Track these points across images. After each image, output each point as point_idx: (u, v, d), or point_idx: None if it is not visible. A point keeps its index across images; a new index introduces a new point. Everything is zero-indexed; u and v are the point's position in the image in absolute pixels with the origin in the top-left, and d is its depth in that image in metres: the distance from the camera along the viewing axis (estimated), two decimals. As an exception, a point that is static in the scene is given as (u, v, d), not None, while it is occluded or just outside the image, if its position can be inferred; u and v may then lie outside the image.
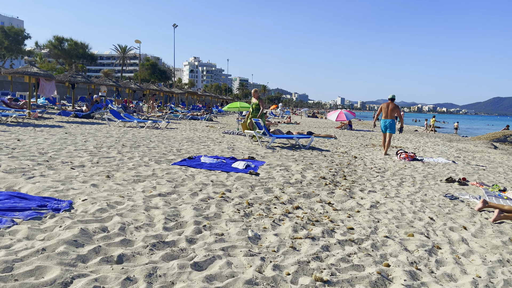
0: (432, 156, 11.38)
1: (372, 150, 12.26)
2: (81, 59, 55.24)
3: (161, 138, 11.41)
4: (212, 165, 7.22)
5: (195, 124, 21.02)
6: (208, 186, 5.47)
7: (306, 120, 38.37)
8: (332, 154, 10.48)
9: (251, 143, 11.63)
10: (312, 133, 16.11)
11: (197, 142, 11.10)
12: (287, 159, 8.91)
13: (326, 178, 6.90)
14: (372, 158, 10.35)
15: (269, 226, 3.95)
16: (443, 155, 12.21)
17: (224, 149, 9.79)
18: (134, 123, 15.74)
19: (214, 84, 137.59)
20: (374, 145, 14.00)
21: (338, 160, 9.43)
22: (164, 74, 71.85)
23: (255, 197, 5.05)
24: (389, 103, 11.17)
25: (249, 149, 10.18)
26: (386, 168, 8.76)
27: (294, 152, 10.22)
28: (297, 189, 5.83)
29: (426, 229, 4.42)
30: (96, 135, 11.04)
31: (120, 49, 66.93)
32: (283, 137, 11.32)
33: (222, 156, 8.34)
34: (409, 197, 5.99)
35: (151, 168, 6.37)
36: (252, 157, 8.44)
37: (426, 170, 8.73)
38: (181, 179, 5.72)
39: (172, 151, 8.64)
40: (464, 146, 17.67)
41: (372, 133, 21.26)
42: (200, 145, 10.27)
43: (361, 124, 35.89)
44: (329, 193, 5.74)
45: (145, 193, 4.73)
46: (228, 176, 6.35)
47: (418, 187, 6.79)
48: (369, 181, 7.04)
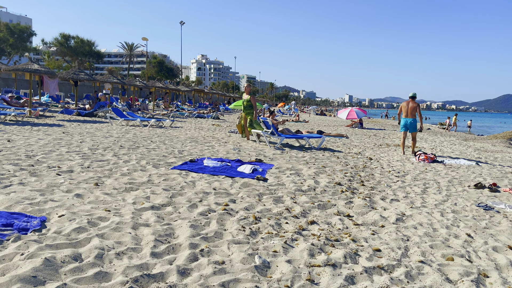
0: (452, 157, 10.62)
1: (387, 151, 11.53)
2: (87, 57, 54.86)
3: (163, 138, 10.79)
4: (216, 169, 6.56)
5: (201, 122, 20.40)
6: (210, 195, 4.81)
7: (314, 118, 37.60)
8: (346, 156, 9.78)
9: (258, 143, 10.97)
10: (323, 132, 15.40)
11: (201, 142, 10.46)
12: (298, 161, 8.24)
13: (342, 184, 6.21)
14: (389, 159, 9.63)
15: (280, 249, 3.29)
16: (462, 156, 11.44)
17: (230, 150, 9.14)
18: (137, 122, 15.16)
19: (222, 81, 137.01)
20: (388, 145, 13.26)
21: (352, 162, 8.73)
22: (171, 71, 71.28)
23: (263, 209, 4.39)
24: (410, 102, 10.73)
25: (256, 150, 9.51)
26: (406, 171, 8.05)
27: (304, 153, 9.54)
28: (311, 198, 5.16)
29: (466, 250, 3.73)
30: (95, 135, 10.45)
31: (127, 46, 66.50)
32: (293, 137, 10.64)
33: (227, 159, 7.68)
34: (438, 207, 5.29)
35: (147, 174, 5.73)
36: (259, 159, 7.77)
37: (450, 173, 7.99)
38: (180, 187, 5.07)
39: (174, 153, 8.00)
40: (482, 146, 16.83)
41: (384, 132, 20.49)
42: (204, 146, 9.62)
43: (372, 122, 35.01)
44: (347, 203, 5.06)
45: (136, 206, 4.09)
46: (233, 182, 5.70)
47: (445, 194, 6.07)
48: (389, 187, 6.34)
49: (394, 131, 21.85)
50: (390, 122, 38.79)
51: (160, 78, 66.25)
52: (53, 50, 60.73)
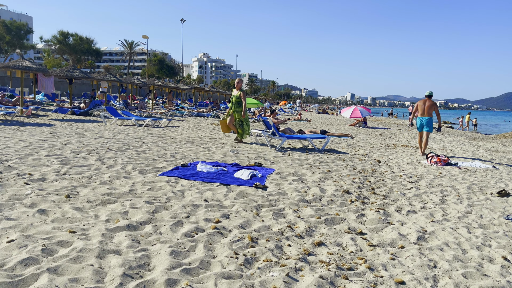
0: (465, 158, 9.93)
1: (396, 152, 10.85)
2: (86, 55, 54.15)
3: (157, 139, 10.13)
4: (210, 175, 5.90)
5: (200, 121, 19.75)
6: (200, 208, 4.15)
7: (317, 117, 36.89)
8: (352, 158, 9.10)
9: (259, 144, 10.29)
10: (326, 132, 14.72)
11: (197, 143, 9.79)
12: (300, 164, 7.57)
13: (351, 192, 5.54)
14: (398, 162, 8.95)
15: (281, 284, 2.62)
16: (474, 157, 10.75)
17: (227, 152, 8.47)
18: (132, 121, 14.50)
19: (223, 80, 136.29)
20: (396, 146, 12.58)
21: (360, 165, 8.06)
22: (172, 70, 70.51)
23: (261, 227, 3.72)
24: (426, 100, 10.51)
25: (255, 152, 8.84)
26: (419, 175, 7.37)
27: (308, 156, 8.87)
28: (317, 210, 4.50)
29: (507, 280, 3.06)
30: (84, 136, 9.79)
31: (127, 44, 65.70)
32: (296, 138, 9.97)
33: (224, 163, 7.02)
34: (462, 220, 4.62)
35: (130, 182, 5.07)
36: (259, 163, 7.10)
37: (467, 178, 7.31)
38: (166, 198, 4.41)
39: (165, 156, 7.34)
40: (492, 146, 16.12)
41: (390, 131, 19.79)
42: (200, 148, 8.96)
43: (376, 121, 34.28)
44: (358, 216, 4.40)
45: (109, 224, 3.43)
46: (228, 191, 5.03)
47: (467, 204, 5.40)
48: (403, 195, 5.67)
49: (400, 130, 21.15)
50: (395, 121, 38.07)
51: (160, 76, 65.59)
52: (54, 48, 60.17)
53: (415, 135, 17.95)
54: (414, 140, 15.31)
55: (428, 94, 10.57)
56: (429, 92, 10.60)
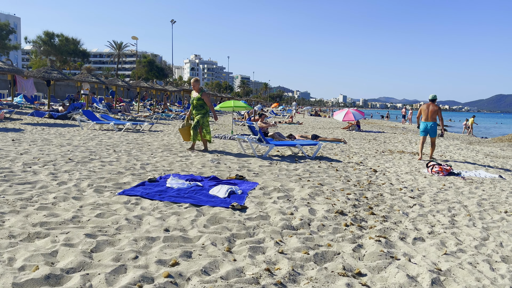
0: (469, 168, 9.17)
1: (392, 159, 10.06)
2: (72, 56, 52.69)
3: (132, 146, 9.23)
4: (181, 192, 5.03)
5: (186, 125, 18.84)
6: (156, 243, 3.28)
7: (309, 120, 36.13)
8: (345, 167, 8.29)
9: (244, 152, 9.43)
10: (318, 137, 13.91)
11: (175, 151, 8.90)
12: (288, 176, 6.73)
13: (345, 212, 4.71)
14: (396, 171, 8.15)
15: None
16: (474, 162, 9.99)
17: (207, 162, 7.59)
18: (111, 125, 13.56)
19: (215, 81, 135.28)
20: (391, 152, 11.80)
21: (354, 176, 7.24)
22: (162, 71, 69.17)
23: (231, 272, 2.86)
24: (430, 104, 10.17)
25: (239, 161, 7.99)
26: (420, 188, 6.57)
27: (297, 165, 8.03)
28: (304, 240, 3.66)
29: None
30: (50, 143, 8.86)
31: (115, 45, 64.32)
32: (284, 145, 9.13)
33: (200, 176, 6.15)
34: (480, 250, 3.81)
35: (79, 204, 4.17)
36: (240, 176, 6.24)
37: (474, 191, 6.52)
38: (115, 228, 3.53)
39: (134, 168, 6.44)
40: (491, 151, 15.45)
41: (384, 135, 19.04)
42: (177, 156, 8.07)
43: (369, 124, 33.59)
44: (355, 248, 3.56)
45: (20, 275, 2.54)
46: (198, 214, 4.17)
47: (482, 227, 4.59)
48: (406, 215, 4.85)
49: (394, 134, 20.42)
50: (388, 124, 37.45)
51: (150, 78, 64.42)
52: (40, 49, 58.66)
53: (411, 139, 17.24)
54: (410, 145, 14.57)
55: (432, 98, 10.17)
56: (432, 95, 10.20)
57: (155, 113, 19.32)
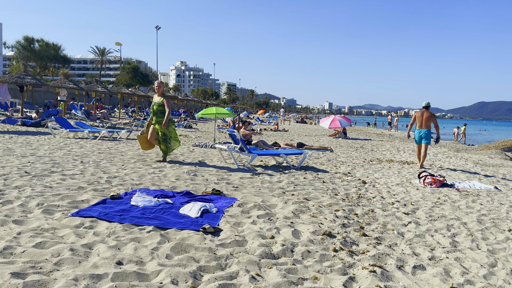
0: (462, 179, 8.71)
1: (381, 169, 9.56)
2: (53, 61, 51.25)
3: (103, 156, 8.54)
4: (146, 211, 4.39)
5: (168, 132, 18.15)
6: (101, 284, 2.65)
7: (295, 127, 35.68)
8: (333, 178, 7.75)
9: (225, 162, 8.82)
10: (304, 145, 13.38)
11: (149, 161, 8.24)
12: (271, 189, 6.15)
13: (334, 234, 4.14)
14: (387, 183, 7.64)
15: None
16: (469, 173, 9.56)
17: (182, 174, 6.95)
18: (85, 133, 12.81)
19: (201, 88, 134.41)
20: (380, 160, 11.32)
21: (342, 189, 6.70)
22: (146, 77, 67.97)
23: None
24: (424, 111, 9.99)
25: (218, 173, 7.37)
26: (414, 202, 6.05)
27: (281, 176, 7.46)
28: (286, 272, 3.07)
29: None
30: (12, 153, 8.11)
31: (98, 51, 62.97)
32: (267, 154, 8.55)
33: (172, 191, 5.51)
34: (490, 281, 3.27)
35: (18, 230, 3.50)
36: (218, 190, 5.62)
37: (471, 206, 6.03)
38: (53, 263, 2.88)
39: (98, 182, 5.77)
40: (480, 159, 15.14)
41: (371, 143, 18.64)
42: (150, 168, 7.41)
43: (355, 131, 33.31)
44: (346, 283, 2.99)
45: None
46: (162, 240, 3.55)
47: (487, 249, 4.07)
48: (401, 236, 4.31)
49: (381, 142, 20.05)
50: (374, 131, 37.27)
51: (134, 84, 63.33)
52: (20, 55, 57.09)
53: (399, 147, 16.85)
54: (398, 153, 14.15)
55: (426, 105, 10.03)
56: (426, 102, 10.07)
57: (135, 120, 18.57)
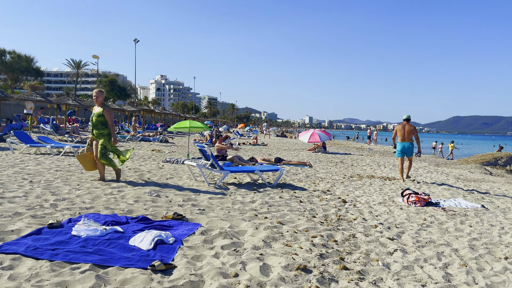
0: (446, 196, 8.26)
1: (362, 186, 9.05)
2: (25, 74, 49.43)
3: (59, 175, 7.74)
4: (89, 243, 3.68)
5: (142, 147, 17.34)
6: None
7: (274, 141, 35.20)
8: (311, 196, 7.16)
9: (195, 180, 8.14)
10: (282, 160, 12.82)
11: (111, 179, 7.49)
12: (242, 211, 5.52)
13: (310, 268, 3.53)
14: (368, 201, 7.10)
15: None
16: (452, 191, 9.14)
17: (143, 195, 6.24)
18: (47, 149, 11.92)
19: (180, 102, 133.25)
20: (360, 176, 10.83)
21: (321, 209, 6.12)
22: (124, 91, 66.57)
23: None
24: (405, 125, 9.95)
25: (185, 193, 6.68)
26: (398, 224, 5.51)
27: (255, 195, 6.84)
28: (247, 328, 2.42)
29: None
30: (-46, 172, 7.24)
31: (74, 64, 61.20)
32: (241, 171, 7.92)
33: (126, 215, 4.81)
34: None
35: None
36: (179, 215, 4.95)
37: (460, 228, 5.52)
38: None
39: (42, 206, 5.02)
40: (460, 173, 14.87)
41: (351, 158, 18.24)
42: (108, 188, 6.66)
43: (335, 145, 33.03)
44: None
45: None
46: (97, 284, 2.86)
47: (485, 284, 3.52)
48: (387, 268, 3.73)
49: (361, 156, 19.69)
50: (354, 145, 37.13)
51: (111, 97, 61.95)
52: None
53: (379, 161, 16.47)
54: (379, 168, 13.74)
55: (406, 118, 10.00)
56: (407, 116, 10.02)
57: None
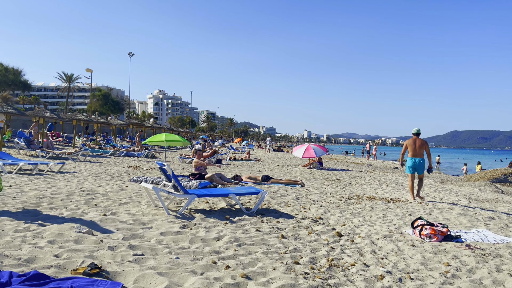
0: (467, 226, 6.72)
1: (362, 211, 7.52)
2: (11, 87, 48.01)
3: (-15, 200, 6.21)
4: None
5: (121, 163, 15.83)
6: None
7: (270, 155, 33.69)
8: (297, 228, 5.64)
9: (154, 206, 6.60)
10: (270, 178, 11.29)
11: (47, 210, 5.96)
12: (197, 255, 3.99)
13: None
14: (370, 234, 5.57)
15: None
16: (469, 217, 7.60)
17: (67, 232, 4.68)
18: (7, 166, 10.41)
19: (177, 116, 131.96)
20: (359, 198, 9.30)
21: (308, 248, 4.59)
22: (118, 105, 65.10)
23: None
24: (416, 139, 9.33)
25: (132, 226, 5.14)
26: (412, 272, 3.99)
27: (224, 228, 5.31)
28: None
29: None
30: None
31: (65, 77, 59.73)
32: (210, 195, 6.38)
33: (11, 271, 3.27)
34: None
35: None
36: (96, 267, 3.41)
37: (498, 278, 3.98)
38: None
39: None
40: (471, 192, 13.35)
41: (349, 174, 16.71)
42: (32, 225, 5.13)
43: (332, 160, 31.51)
44: None
45: None
46: None
47: None
48: None
49: (360, 172, 18.17)
50: (352, 160, 35.62)
51: (105, 112, 60.58)
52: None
53: (380, 179, 14.95)
54: (380, 187, 12.22)
55: (416, 132, 9.38)
56: (416, 129, 9.41)
57: (81, 149, 16.21)
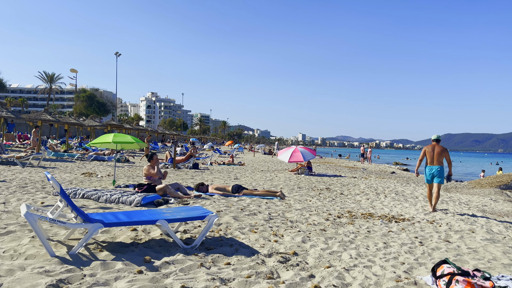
0: (505, 264, 4.67)
1: (355, 237, 5.42)
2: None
3: None
4: None
5: (81, 168, 13.68)
6: None
7: (257, 159, 31.56)
8: (254, 276, 3.52)
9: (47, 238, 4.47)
10: (243, 189, 9.17)
11: None
12: None
13: None
14: (367, 286, 3.48)
15: None
16: (499, 244, 5.56)
17: None
18: None
19: (168, 119, 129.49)
20: (352, 216, 7.18)
21: None
22: (103, 107, 62.64)
23: None
24: (435, 145, 8.68)
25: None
26: None
27: (129, 284, 3.20)
28: None
29: None
30: None
31: (46, 77, 57.03)
32: (127, 223, 4.26)
33: None
34: None
35: None
36: None
37: None
38: None
39: None
40: (483, 203, 11.34)
41: (341, 181, 14.63)
42: None
43: (324, 164, 29.42)
44: None
45: None
46: None
47: None
48: None
49: (354, 179, 16.09)
50: (346, 164, 33.58)
51: (90, 114, 58.16)
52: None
53: (377, 187, 12.88)
54: (378, 198, 10.16)
55: (436, 138, 8.78)
56: (436, 136, 8.83)
57: (32, 153, 14.05)
